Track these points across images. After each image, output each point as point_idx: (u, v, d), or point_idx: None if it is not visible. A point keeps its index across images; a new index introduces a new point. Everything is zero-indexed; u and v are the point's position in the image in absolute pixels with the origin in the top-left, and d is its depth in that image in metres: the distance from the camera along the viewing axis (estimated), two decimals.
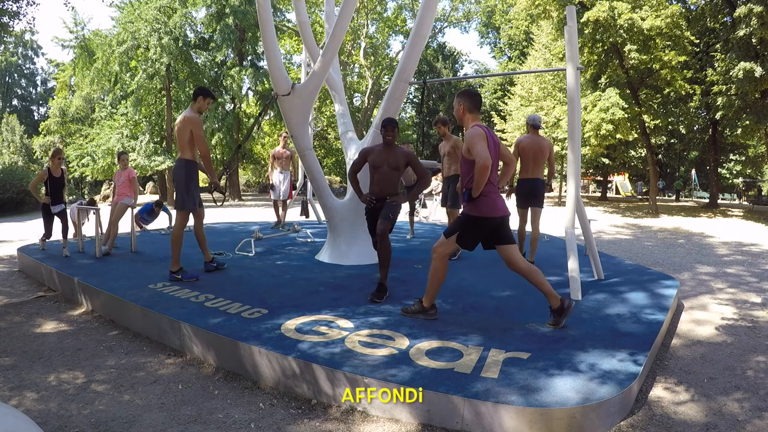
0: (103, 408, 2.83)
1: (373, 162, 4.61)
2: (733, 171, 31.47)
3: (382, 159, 4.57)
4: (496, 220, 3.51)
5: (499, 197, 3.55)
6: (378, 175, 4.61)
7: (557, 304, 3.56)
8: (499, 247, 3.58)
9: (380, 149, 4.63)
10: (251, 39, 24.83)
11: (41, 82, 48.23)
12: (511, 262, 3.57)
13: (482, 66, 41.44)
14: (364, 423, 2.69)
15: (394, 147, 4.62)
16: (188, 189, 4.95)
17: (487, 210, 3.48)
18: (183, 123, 4.92)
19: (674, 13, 14.83)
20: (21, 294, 5.41)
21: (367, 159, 4.66)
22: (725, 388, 3.13)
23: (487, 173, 3.32)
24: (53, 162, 6.46)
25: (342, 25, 5.27)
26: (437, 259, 3.67)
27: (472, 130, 3.47)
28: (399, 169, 4.60)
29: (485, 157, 3.29)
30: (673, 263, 7.53)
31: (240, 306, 4.02)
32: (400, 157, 4.58)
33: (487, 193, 3.46)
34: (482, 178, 3.33)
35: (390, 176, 4.59)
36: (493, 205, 3.49)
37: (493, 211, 3.48)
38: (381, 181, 4.60)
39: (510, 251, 3.56)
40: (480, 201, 3.46)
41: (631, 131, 17.32)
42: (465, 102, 3.61)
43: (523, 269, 3.55)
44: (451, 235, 3.60)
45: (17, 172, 20.35)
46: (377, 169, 4.60)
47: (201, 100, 5.02)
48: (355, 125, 21.57)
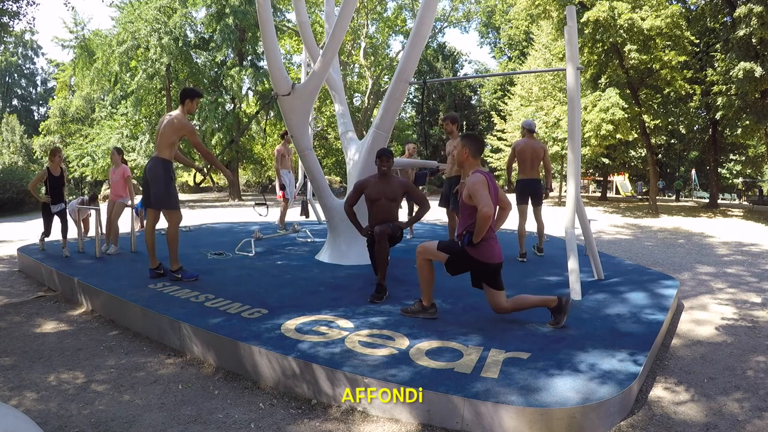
0: (103, 408, 2.83)
1: (370, 194, 4.62)
2: (733, 171, 31.49)
3: (379, 191, 4.58)
4: (493, 267, 3.57)
5: (497, 243, 3.60)
6: (376, 208, 4.63)
7: (554, 304, 3.58)
8: (488, 289, 3.65)
9: (376, 181, 4.64)
10: (251, 39, 24.83)
11: (41, 82, 48.26)
12: (497, 306, 3.67)
13: (482, 66, 41.44)
14: (364, 423, 2.69)
15: (391, 177, 4.63)
16: (168, 189, 4.83)
17: (486, 256, 3.53)
18: (172, 128, 4.78)
19: (674, 13, 14.82)
20: (21, 294, 5.41)
21: (363, 192, 4.66)
22: (725, 388, 3.13)
23: (489, 221, 3.37)
24: (52, 161, 6.46)
25: (342, 25, 5.27)
26: (420, 260, 3.72)
27: (474, 176, 3.51)
28: (396, 200, 4.62)
29: (488, 206, 3.33)
30: (673, 263, 7.53)
31: (240, 306, 4.02)
32: (397, 187, 4.59)
33: (487, 238, 3.52)
34: (484, 225, 3.38)
35: (388, 208, 4.61)
36: (492, 251, 3.55)
37: (491, 258, 3.54)
38: (379, 213, 4.61)
39: (497, 297, 3.64)
40: (480, 246, 3.51)
41: (631, 131, 17.32)
42: (470, 146, 3.64)
43: (510, 308, 3.66)
44: (443, 252, 3.63)
45: (17, 172, 20.34)
46: (375, 202, 4.62)
47: (189, 102, 4.90)
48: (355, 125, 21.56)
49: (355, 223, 4.71)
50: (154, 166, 4.83)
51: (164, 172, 4.80)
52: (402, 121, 34.98)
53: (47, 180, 6.40)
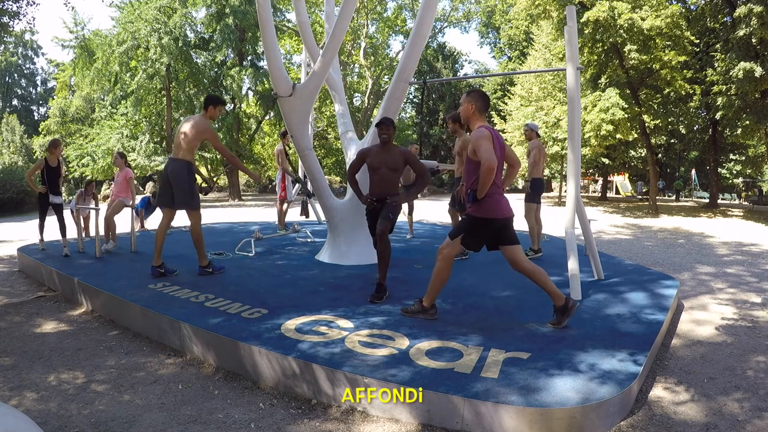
0: (103, 408, 2.83)
1: (372, 163, 4.59)
2: (733, 171, 31.48)
3: (381, 160, 4.55)
4: (500, 221, 3.51)
5: (503, 198, 3.55)
6: (377, 176, 4.59)
7: (562, 303, 3.57)
8: (503, 247, 3.58)
9: (378, 149, 4.60)
10: (251, 39, 24.82)
11: (41, 82, 48.23)
12: (516, 262, 3.57)
13: (482, 66, 41.44)
14: (364, 423, 2.69)
15: (392, 146, 4.59)
16: (192, 191, 5.03)
17: (491, 211, 3.47)
18: (197, 131, 4.97)
19: (674, 13, 14.82)
20: (21, 294, 5.41)
21: (365, 160, 4.64)
22: (725, 388, 3.13)
23: (492, 174, 3.32)
24: (51, 153, 6.46)
25: (342, 25, 5.27)
26: (442, 260, 3.66)
27: (478, 131, 3.46)
28: (398, 170, 4.58)
29: (491, 159, 3.29)
30: (673, 263, 7.53)
31: (240, 306, 4.02)
32: (398, 156, 4.56)
33: (492, 194, 3.46)
34: (487, 179, 3.33)
35: (389, 177, 4.57)
36: (498, 206, 3.49)
37: (497, 212, 3.48)
38: (380, 182, 4.58)
39: (514, 251, 3.56)
40: (484, 202, 3.46)
41: (631, 131, 17.31)
42: (476, 102, 3.59)
43: (528, 269, 3.56)
44: (456, 237, 3.59)
45: (17, 172, 20.32)
46: (376, 171, 4.58)
47: (212, 108, 5.08)
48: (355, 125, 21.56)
49: (356, 191, 4.71)
50: (178, 169, 4.97)
51: (188, 174, 5.00)
52: (402, 121, 34.97)
53: (44, 171, 6.40)
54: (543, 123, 21.06)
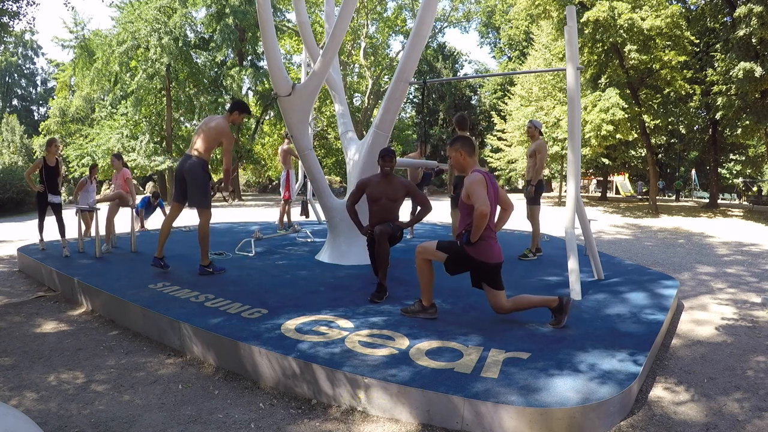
0: (103, 408, 2.83)
1: (372, 194, 4.61)
2: (733, 171, 31.48)
3: (381, 191, 4.57)
4: (491, 266, 3.55)
5: (496, 243, 3.58)
6: (377, 207, 4.62)
7: (555, 304, 3.58)
8: (488, 289, 3.64)
9: (378, 180, 4.63)
10: (251, 39, 24.82)
11: (41, 82, 48.23)
12: (497, 306, 3.65)
13: (482, 66, 41.45)
14: (364, 423, 2.69)
15: (393, 177, 4.63)
16: (206, 190, 5.08)
17: (484, 255, 3.52)
18: (217, 131, 5.00)
19: (674, 13, 14.82)
20: (21, 294, 5.41)
21: (365, 191, 4.66)
22: (725, 388, 3.13)
23: (485, 220, 3.36)
24: (48, 151, 6.46)
25: (342, 25, 5.27)
26: (419, 260, 3.72)
27: (472, 176, 3.50)
28: (398, 201, 4.61)
29: (484, 205, 3.32)
30: (673, 263, 7.53)
31: (240, 306, 4.02)
32: (399, 188, 4.59)
33: (486, 238, 3.50)
34: (481, 224, 3.37)
35: (389, 208, 4.60)
36: (491, 250, 3.53)
37: (489, 257, 3.53)
38: (380, 213, 4.61)
39: (497, 297, 3.62)
40: (478, 245, 3.50)
41: (631, 131, 17.31)
42: (464, 148, 3.63)
43: (510, 308, 3.65)
44: (442, 252, 3.62)
45: (17, 172, 20.31)
46: (376, 202, 4.61)
47: (237, 114, 5.15)
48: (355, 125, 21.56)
49: (356, 222, 4.71)
50: (194, 167, 4.99)
51: (203, 173, 5.02)
52: (402, 121, 34.98)
53: (43, 170, 6.41)
54: (543, 123, 21.07)
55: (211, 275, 5.12)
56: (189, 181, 5.00)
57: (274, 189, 37.83)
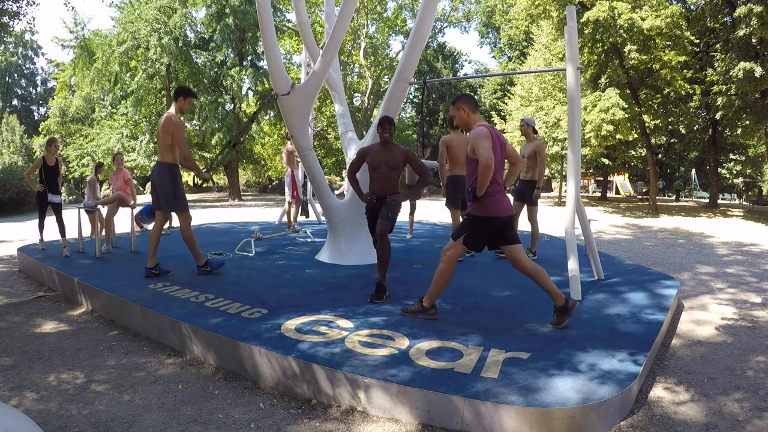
0: (103, 408, 2.83)
1: (372, 162, 4.59)
2: (733, 171, 31.47)
3: (381, 158, 4.55)
4: (501, 220, 3.51)
5: (504, 197, 3.54)
6: (377, 175, 4.59)
7: (562, 303, 3.57)
8: (505, 246, 3.58)
9: (378, 148, 4.60)
10: (251, 39, 24.81)
11: (41, 82, 48.20)
12: (517, 261, 3.57)
13: (482, 66, 41.44)
14: (364, 423, 2.69)
15: (392, 145, 4.59)
16: (175, 194, 4.91)
17: (492, 210, 3.47)
18: (165, 127, 4.83)
19: (674, 13, 14.82)
20: (21, 294, 5.41)
21: (365, 159, 4.64)
22: (725, 388, 3.13)
23: (490, 172, 3.32)
24: (48, 151, 6.47)
25: (342, 25, 5.27)
26: (445, 262, 3.65)
27: (477, 129, 3.46)
28: (398, 168, 4.58)
29: (488, 157, 3.29)
30: (673, 263, 7.53)
31: (240, 306, 4.02)
32: (398, 155, 4.56)
33: (492, 192, 3.46)
34: (485, 177, 3.33)
35: (389, 176, 4.57)
36: (499, 204, 3.49)
37: (498, 211, 3.48)
38: (380, 180, 4.58)
39: (515, 251, 3.56)
40: (485, 200, 3.45)
41: (631, 131, 17.31)
42: (466, 104, 3.60)
43: (529, 269, 3.56)
44: (459, 237, 3.60)
45: (17, 172, 20.32)
46: (376, 170, 4.58)
47: (182, 100, 4.93)
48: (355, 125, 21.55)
49: (357, 190, 4.70)
50: (160, 172, 4.92)
51: (170, 176, 4.89)
52: (402, 121, 34.97)
53: (42, 170, 6.41)
54: (543, 123, 21.06)
55: (212, 274, 5.10)
56: (158, 187, 4.94)
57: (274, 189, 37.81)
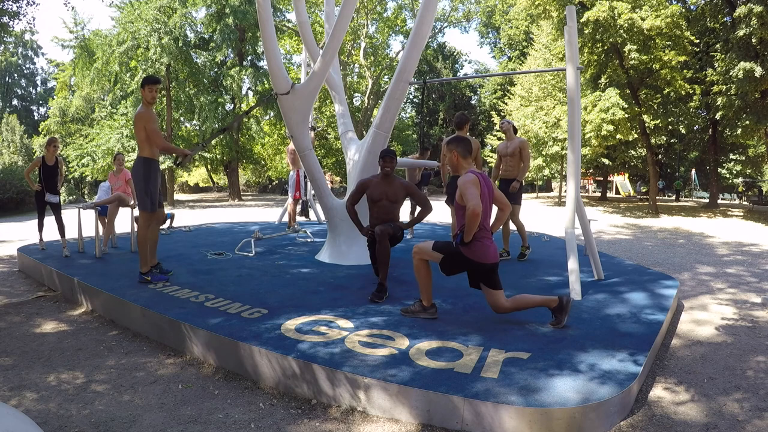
0: (103, 408, 2.83)
1: (372, 195, 4.61)
2: (733, 171, 31.47)
3: (381, 192, 4.57)
4: (486, 267, 3.55)
5: (491, 244, 3.57)
6: (377, 208, 4.62)
7: (555, 304, 3.58)
8: (486, 290, 3.63)
9: (378, 181, 4.63)
10: (251, 39, 24.83)
11: (41, 82, 48.19)
12: (496, 306, 3.64)
13: (482, 66, 41.46)
14: (364, 423, 2.69)
15: (393, 178, 4.63)
16: (147, 189, 4.73)
17: (479, 256, 3.51)
18: (136, 122, 4.69)
19: (674, 13, 14.83)
20: (21, 294, 5.41)
21: (365, 191, 4.65)
22: (725, 388, 3.13)
23: (477, 220, 3.35)
24: (48, 150, 6.46)
25: (342, 25, 5.27)
26: (417, 261, 3.71)
27: (466, 176, 3.50)
28: (398, 202, 4.61)
29: (476, 204, 3.32)
30: (673, 263, 7.53)
31: (240, 306, 4.02)
32: (399, 189, 4.59)
33: (480, 238, 3.49)
34: (473, 224, 3.36)
35: (390, 209, 4.60)
36: (485, 251, 3.52)
37: (484, 258, 3.52)
38: (380, 213, 4.60)
39: (496, 297, 3.61)
40: (473, 245, 3.49)
41: (631, 131, 17.32)
42: (458, 149, 3.65)
43: (510, 307, 3.63)
44: (438, 253, 3.62)
45: (17, 172, 20.33)
46: (376, 203, 4.61)
47: (147, 90, 4.71)
48: (355, 125, 21.58)
49: (357, 223, 4.71)
50: (135, 166, 4.78)
51: (144, 170, 4.70)
52: (402, 121, 34.98)
53: (41, 169, 6.40)
54: (543, 123, 21.06)
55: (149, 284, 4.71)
56: (133, 181, 4.84)
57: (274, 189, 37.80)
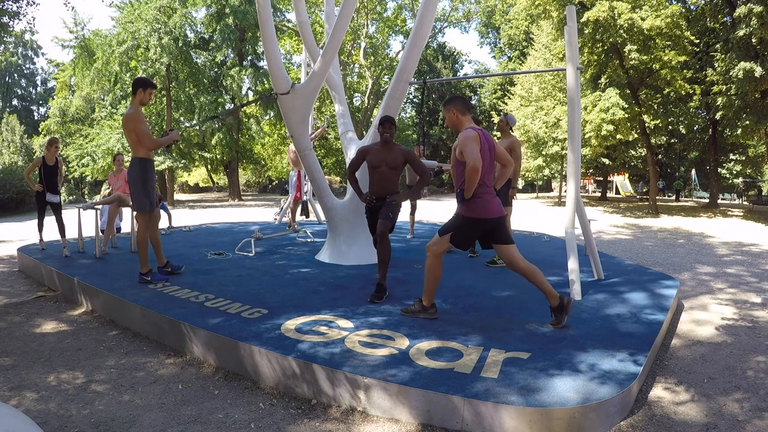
0: (103, 408, 2.83)
1: (372, 161, 4.58)
2: (733, 171, 31.47)
3: (381, 158, 4.55)
4: (491, 222, 3.51)
5: (494, 198, 3.53)
6: (377, 175, 4.59)
7: (557, 302, 3.57)
8: (498, 246, 3.58)
9: (378, 148, 4.60)
10: (251, 39, 24.84)
11: (41, 82, 48.20)
12: (511, 262, 3.56)
13: (482, 66, 41.48)
14: (364, 423, 2.69)
15: (393, 145, 4.59)
16: (145, 189, 4.75)
17: (481, 211, 3.47)
18: (126, 124, 4.68)
19: (674, 13, 14.83)
20: (21, 294, 5.40)
21: (365, 158, 4.64)
22: (725, 388, 3.13)
23: (477, 175, 3.31)
24: (48, 151, 6.46)
25: (342, 25, 5.27)
26: (431, 257, 3.68)
27: (465, 132, 3.46)
28: (398, 168, 4.58)
29: (475, 159, 3.29)
30: (673, 263, 7.53)
31: (240, 306, 4.02)
32: (398, 155, 4.55)
33: (481, 194, 3.45)
34: (473, 180, 3.33)
35: (389, 175, 4.57)
36: (488, 206, 3.48)
37: (487, 213, 3.47)
38: (380, 180, 4.57)
39: (509, 251, 3.55)
40: (474, 202, 3.45)
41: (631, 131, 17.32)
42: (455, 106, 3.60)
43: (523, 269, 3.55)
44: (445, 234, 3.60)
45: (17, 172, 20.33)
46: (376, 169, 4.58)
47: (141, 92, 4.71)
48: (355, 125, 21.57)
49: (357, 189, 4.70)
50: (131, 167, 4.78)
51: (140, 171, 4.72)
52: (402, 121, 34.98)
53: (42, 169, 6.40)
54: (543, 123, 21.06)
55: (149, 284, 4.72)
56: (130, 182, 4.82)
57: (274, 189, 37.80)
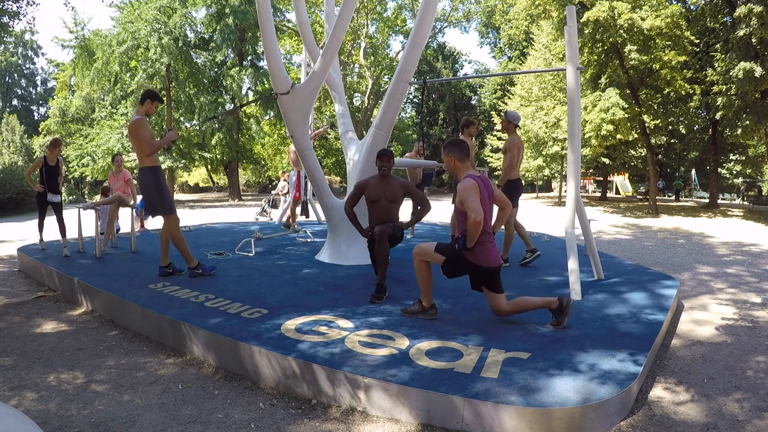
0: (103, 408, 2.83)
1: (370, 195, 4.60)
2: (733, 171, 31.49)
3: (379, 192, 4.57)
4: (488, 270, 3.55)
5: (494, 247, 3.57)
6: (376, 209, 4.61)
7: (555, 305, 3.58)
8: (488, 293, 3.64)
9: (376, 181, 4.63)
10: (251, 39, 24.85)
11: (41, 82, 48.20)
12: (497, 309, 3.65)
13: (482, 66, 41.48)
14: (364, 423, 2.69)
15: (391, 178, 4.63)
16: (162, 195, 4.92)
17: (481, 259, 3.51)
18: (132, 132, 4.82)
19: (674, 13, 14.83)
20: (21, 294, 5.41)
21: (364, 193, 4.65)
22: (725, 388, 3.13)
23: (479, 227, 3.34)
24: (52, 151, 6.47)
25: (342, 25, 5.27)
26: (417, 262, 3.71)
27: (465, 182, 3.49)
28: (397, 201, 4.61)
29: (477, 212, 3.31)
30: (673, 263, 7.53)
31: (240, 306, 4.02)
32: (397, 188, 4.58)
33: (483, 242, 3.48)
34: (475, 231, 3.36)
35: (388, 209, 4.60)
36: (488, 255, 3.51)
37: (486, 261, 3.51)
38: (379, 214, 4.60)
39: (497, 300, 3.62)
40: (475, 250, 3.48)
41: (631, 131, 17.31)
42: (454, 153, 3.63)
43: (510, 310, 3.64)
44: (440, 254, 3.62)
45: (17, 172, 20.33)
46: (375, 203, 4.60)
47: (149, 103, 4.89)
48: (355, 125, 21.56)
49: (356, 224, 4.71)
50: (142, 177, 4.92)
51: (153, 179, 4.89)
52: (402, 121, 35.00)
53: (43, 169, 6.41)
54: (543, 123, 21.05)
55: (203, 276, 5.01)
56: (144, 193, 4.97)
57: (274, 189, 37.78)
